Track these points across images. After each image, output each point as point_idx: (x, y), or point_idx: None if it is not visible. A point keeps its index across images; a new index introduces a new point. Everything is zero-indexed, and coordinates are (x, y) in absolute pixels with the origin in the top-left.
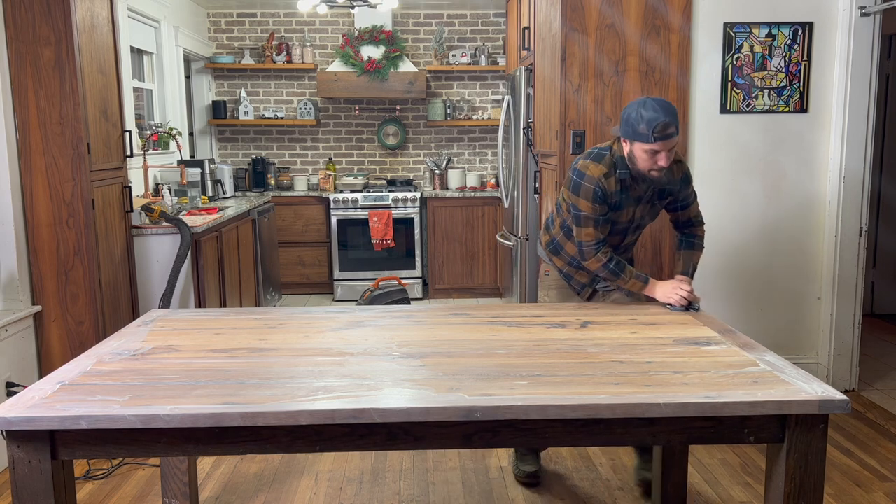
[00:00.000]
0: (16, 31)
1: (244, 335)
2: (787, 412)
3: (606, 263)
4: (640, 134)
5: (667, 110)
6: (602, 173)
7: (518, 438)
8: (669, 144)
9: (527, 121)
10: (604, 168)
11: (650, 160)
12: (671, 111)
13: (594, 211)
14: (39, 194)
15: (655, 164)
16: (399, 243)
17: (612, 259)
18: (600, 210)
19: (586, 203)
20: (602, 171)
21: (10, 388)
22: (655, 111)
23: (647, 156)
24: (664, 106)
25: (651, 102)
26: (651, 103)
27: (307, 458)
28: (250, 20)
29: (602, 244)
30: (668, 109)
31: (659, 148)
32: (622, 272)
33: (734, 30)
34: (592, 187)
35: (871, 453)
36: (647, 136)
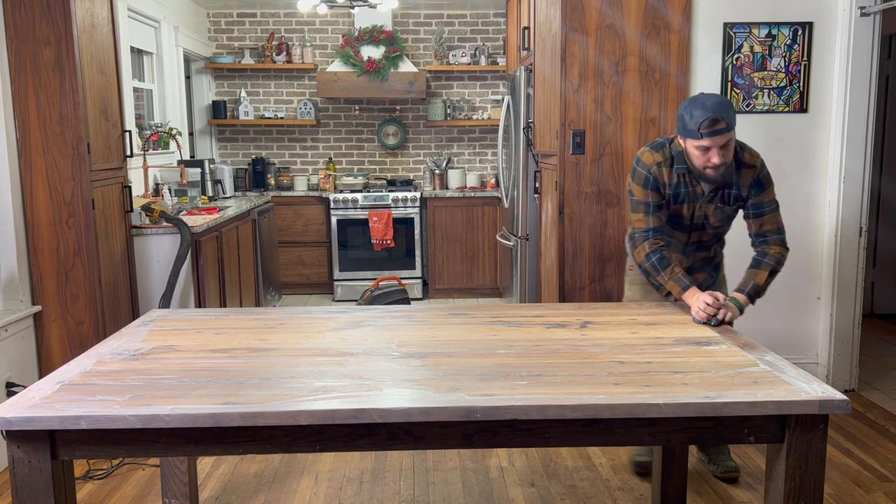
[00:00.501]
0: (16, 31)
1: (244, 335)
2: (787, 412)
3: (650, 254)
4: (690, 130)
5: (718, 105)
6: (656, 161)
7: (518, 438)
8: (720, 140)
9: (527, 121)
10: (658, 157)
11: (703, 157)
12: (723, 106)
13: (645, 196)
14: (39, 194)
15: (709, 162)
16: (399, 243)
17: (658, 252)
18: (652, 197)
19: (638, 188)
20: (657, 159)
21: (10, 388)
22: (704, 107)
23: (700, 153)
24: (715, 101)
25: (702, 98)
26: (701, 99)
27: (307, 458)
28: (250, 20)
29: (652, 233)
30: (719, 104)
31: (708, 144)
32: (664, 269)
33: (734, 30)
34: (644, 173)
35: (871, 453)
36: (696, 132)
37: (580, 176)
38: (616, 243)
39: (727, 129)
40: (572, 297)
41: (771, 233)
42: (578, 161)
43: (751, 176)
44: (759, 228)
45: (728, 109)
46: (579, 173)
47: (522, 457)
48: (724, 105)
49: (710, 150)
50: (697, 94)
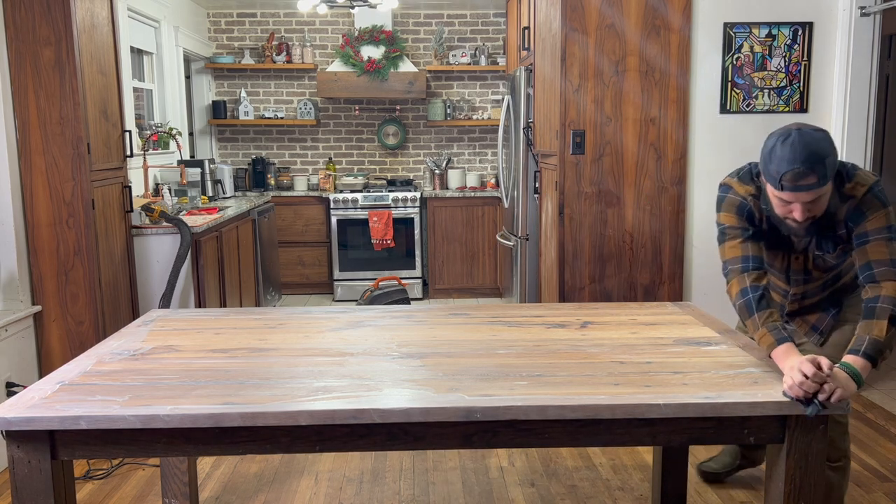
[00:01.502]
0: (16, 31)
1: (244, 335)
2: (787, 413)
3: (747, 289)
4: (770, 176)
5: (808, 154)
6: (749, 193)
7: (518, 438)
8: (804, 197)
9: (527, 121)
10: (751, 189)
11: (783, 208)
12: (816, 155)
13: (738, 222)
14: (39, 194)
15: (790, 214)
16: (399, 243)
17: (759, 290)
18: (746, 224)
19: (729, 216)
20: (750, 190)
21: (10, 388)
22: (793, 151)
23: (779, 202)
24: (808, 147)
25: (794, 137)
26: (793, 138)
27: (307, 458)
28: (250, 20)
29: (752, 263)
30: (810, 152)
31: (788, 199)
32: (759, 311)
33: (734, 30)
34: (739, 199)
35: (871, 453)
36: (776, 181)
37: (580, 176)
38: (616, 243)
39: (817, 185)
40: (572, 297)
41: (879, 264)
42: (578, 161)
43: (848, 207)
44: (862, 260)
45: (823, 160)
46: (579, 173)
47: (522, 457)
48: (819, 153)
49: (790, 203)
50: (793, 128)
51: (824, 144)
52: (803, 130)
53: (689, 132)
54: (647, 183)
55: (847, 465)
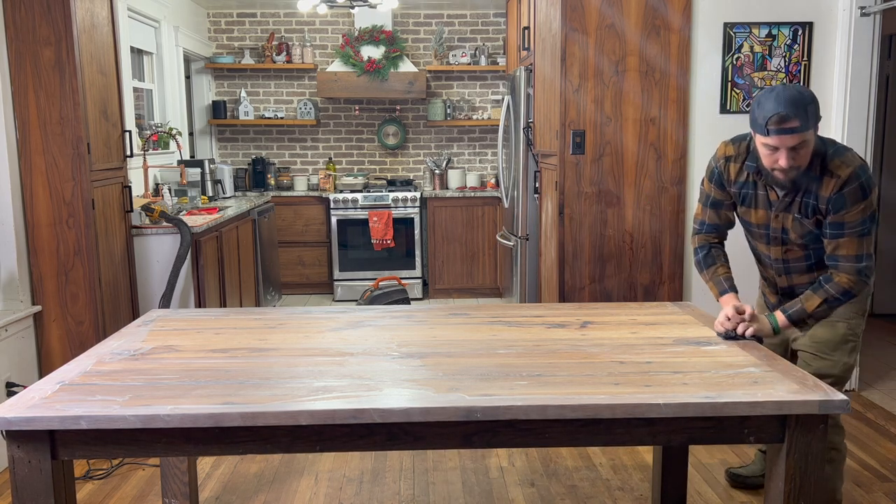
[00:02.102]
0: (16, 31)
1: (244, 335)
2: (787, 412)
3: (697, 249)
4: (757, 124)
5: (791, 100)
6: (727, 154)
7: (518, 438)
8: (788, 141)
9: (527, 121)
10: (731, 150)
11: (770, 157)
12: (798, 102)
13: (708, 189)
14: (39, 194)
15: (776, 163)
16: (399, 243)
17: (707, 249)
18: (714, 192)
19: (705, 179)
20: (728, 152)
21: (10, 388)
22: (777, 101)
23: (767, 151)
24: (791, 95)
25: (778, 89)
26: (777, 90)
27: (307, 458)
28: (250, 20)
29: (705, 229)
30: (793, 99)
31: (774, 143)
32: (707, 268)
33: (734, 30)
34: (713, 165)
35: (871, 453)
36: (762, 128)
37: (580, 176)
38: (616, 243)
39: (800, 129)
40: (572, 297)
41: (844, 259)
42: (578, 161)
43: (832, 187)
44: (832, 251)
45: (805, 106)
46: (579, 173)
47: (522, 457)
48: (800, 100)
49: (777, 150)
50: (779, 85)
51: (805, 94)
52: (787, 85)
53: (689, 132)
54: (647, 183)
55: (839, 458)
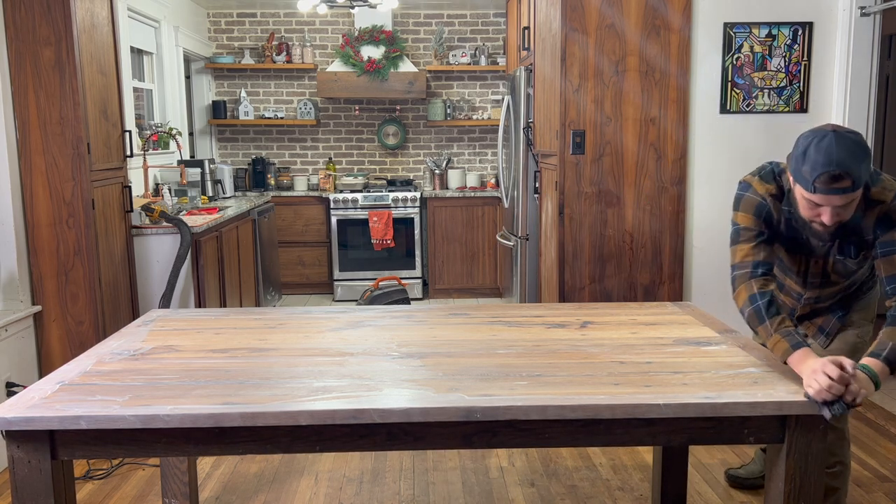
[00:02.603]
0: (16, 31)
1: (244, 335)
2: (787, 412)
3: (755, 296)
4: (802, 177)
5: (846, 156)
6: (770, 193)
7: (518, 439)
8: (836, 201)
9: (527, 121)
10: (772, 188)
11: (811, 211)
12: (853, 157)
13: (754, 224)
14: (39, 194)
15: (818, 218)
16: (399, 243)
17: (768, 296)
18: (762, 226)
19: (746, 216)
20: (771, 190)
21: (10, 388)
22: (829, 154)
23: (808, 204)
24: (846, 149)
25: (829, 139)
26: (829, 140)
27: (307, 458)
28: (250, 20)
29: (761, 269)
30: (848, 154)
31: (819, 202)
32: (769, 318)
33: (734, 30)
34: (759, 199)
35: (871, 453)
36: (808, 183)
37: (580, 176)
38: (616, 243)
39: (851, 189)
40: (572, 297)
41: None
42: (578, 161)
43: (876, 213)
44: (889, 271)
45: (860, 162)
46: (579, 173)
47: (522, 457)
48: (856, 155)
49: (820, 206)
50: (829, 129)
51: (860, 148)
52: (839, 132)
53: (689, 132)
54: (647, 183)
55: (845, 471)
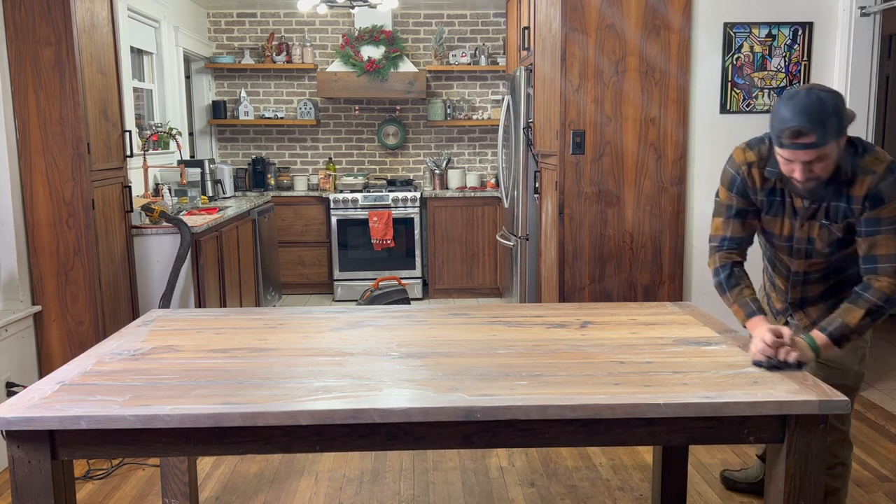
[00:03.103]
0: (16, 31)
1: (244, 335)
2: (787, 412)
3: (718, 269)
4: (773, 131)
5: (809, 112)
6: (747, 161)
7: (518, 438)
8: (802, 156)
9: (527, 121)
10: (752, 156)
11: (787, 166)
12: (816, 114)
13: (727, 198)
14: (39, 194)
15: (793, 174)
16: (399, 243)
17: (729, 269)
18: (736, 202)
19: (721, 189)
20: (749, 158)
21: (10, 388)
22: (794, 110)
23: (782, 161)
24: (810, 106)
25: (800, 96)
26: (799, 97)
27: (307, 458)
28: (250, 20)
29: (727, 244)
30: (811, 111)
31: (788, 157)
32: (730, 290)
33: (734, 30)
34: (732, 173)
35: (871, 453)
36: (777, 139)
37: (580, 176)
38: (616, 243)
39: (815, 144)
40: (572, 297)
41: (884, 259)
42: (578, 161)
43: (867, 184)
44: (867, 251)
45: (824, 119)
46: (579, 173)
47: (522, 457)
48: (820, 112)
49: (791, 162)
50: (803, 88)
51: (828, 104)
52: (813, 90)
53: (689, 132)
54: (647, 183)
55: (845, 472)
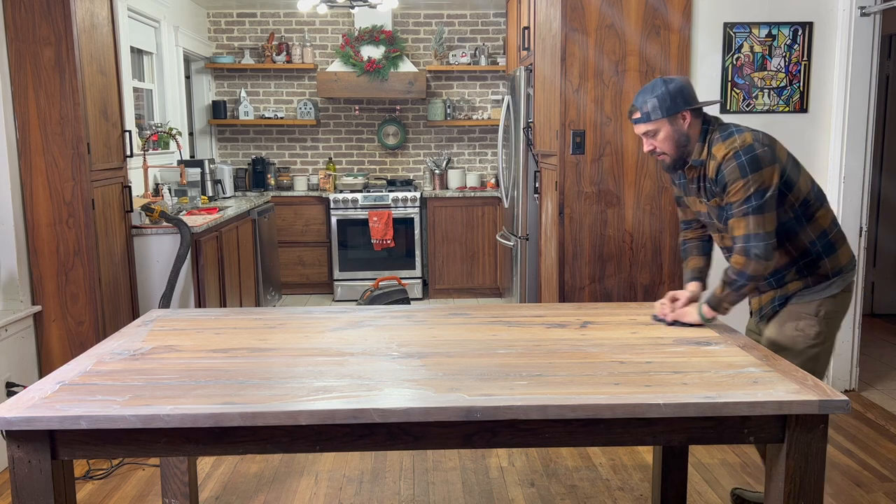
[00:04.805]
0: (16, 31)
1: (244, 335)
2: (787, 412)
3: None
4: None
5: (641, 92)
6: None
7: (518, 438)
8: (637, 129)
9: (527, 121)
10: None
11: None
12: (643, 94)
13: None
14: (39, 194)
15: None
16: (399, 243)
17: (684, 244)
18: (674, 190)
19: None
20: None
21: (10, 388)
22: (638, 92)
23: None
24: (646, 88)
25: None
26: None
27: (307, 458)
28: (250, 20)
29: (682, 226)
30: (644, 91)
31: (636, 131)
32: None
33: (734, 30)
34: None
35: (871, 454)
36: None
37: (580, 176)
38: (616, 243)
39: (641, 119)
40: (572, 297)
41: (737, 240)
42: (578, 161)
43: (713, 170)
44: (729, 232)
45: (647, 97)
46: (579, 173)
47: (522, 457)
48: (646, 92)
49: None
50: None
51: (658, 86)
52: (660, 77)
53: None
54: (647, 183)
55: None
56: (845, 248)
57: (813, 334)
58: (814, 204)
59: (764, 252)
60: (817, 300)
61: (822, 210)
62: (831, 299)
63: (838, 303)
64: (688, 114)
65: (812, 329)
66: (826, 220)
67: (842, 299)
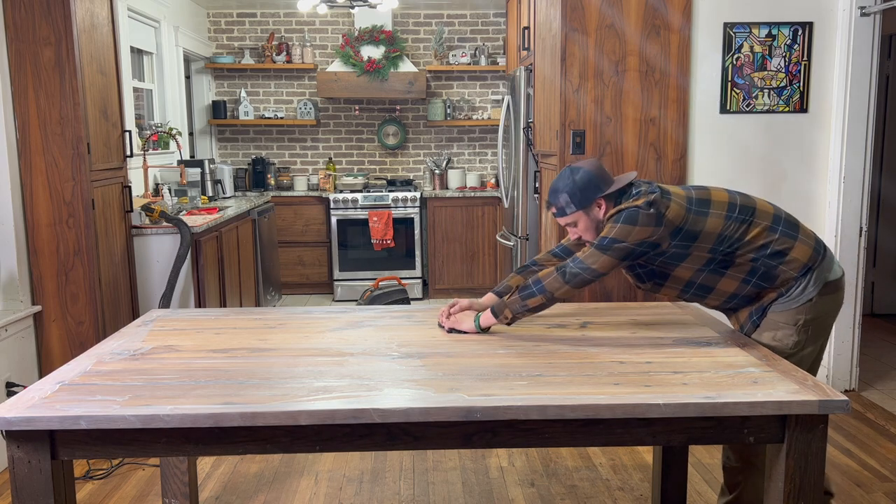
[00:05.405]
0: (16, 31)
1: (244, 335)
2: (787, 412)
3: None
4: None
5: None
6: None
7: (518, 438)
8: (561, 222)
9: (527, 121)
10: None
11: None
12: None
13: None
14: (39, 194)
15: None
16: (399, 243)
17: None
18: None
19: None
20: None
21: (10, 388)
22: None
23: None
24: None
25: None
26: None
27: (307, 458)
28: (250, 20)
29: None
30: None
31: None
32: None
33: (734, 30)
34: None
35: (871, 454)
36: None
37: None
38: None
39: (557, 214)
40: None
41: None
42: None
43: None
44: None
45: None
46: None
47: (522, 457)
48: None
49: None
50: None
51: (562, 182)
52: (568, 167)
53: (689, 132)
54: None
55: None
56: (799, 246)
57: (791, 344)
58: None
59: (575, 280)
60: (795, 308)
61: (753, 228)
62: (810, 305)
63: (820, 307)
64: (601, 201)
65: (790, 339)
66: (760, 235)
67: (824, 303)
